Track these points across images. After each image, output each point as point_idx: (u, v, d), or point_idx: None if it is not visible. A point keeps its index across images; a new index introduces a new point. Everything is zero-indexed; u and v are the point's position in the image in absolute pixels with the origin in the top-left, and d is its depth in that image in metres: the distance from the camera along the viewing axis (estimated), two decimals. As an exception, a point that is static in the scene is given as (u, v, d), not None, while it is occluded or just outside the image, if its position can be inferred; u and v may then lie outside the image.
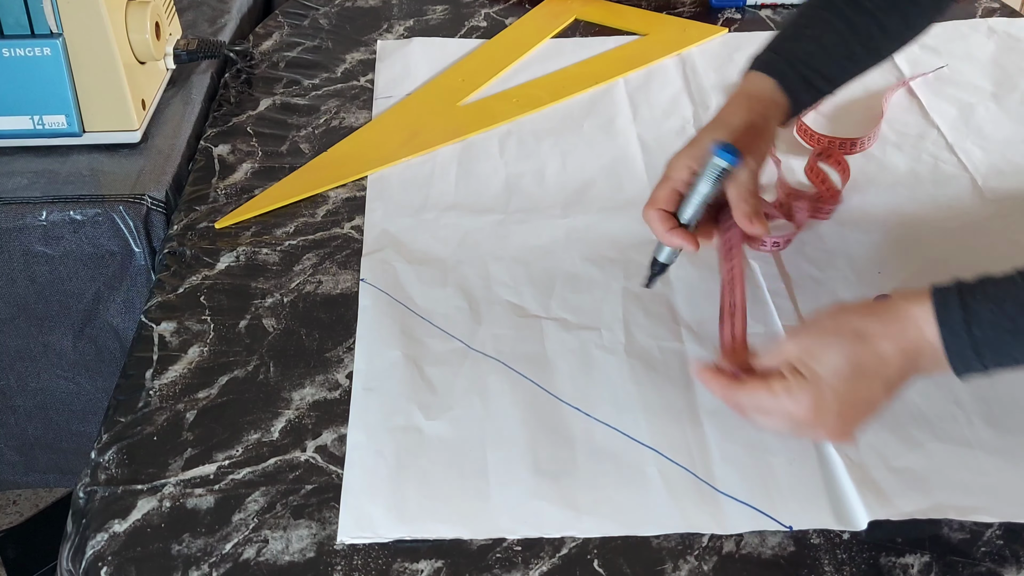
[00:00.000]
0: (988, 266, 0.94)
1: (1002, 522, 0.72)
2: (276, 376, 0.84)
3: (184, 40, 1.19)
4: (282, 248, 0.97)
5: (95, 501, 0.74)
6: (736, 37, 1.34)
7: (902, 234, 0.99)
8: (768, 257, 0.95)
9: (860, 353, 0.69)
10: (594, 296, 0.92)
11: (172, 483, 0.75)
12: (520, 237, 0.99)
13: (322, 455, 0.77)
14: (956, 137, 1.13)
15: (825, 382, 0.69)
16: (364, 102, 1.21)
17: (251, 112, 1.19)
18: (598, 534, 0.71)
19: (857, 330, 0.70)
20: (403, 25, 1.38)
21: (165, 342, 0.87)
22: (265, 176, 1.08)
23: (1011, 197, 1.04)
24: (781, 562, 0.70)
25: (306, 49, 1.32)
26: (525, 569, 0.69)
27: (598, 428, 0.79)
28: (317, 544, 0.71)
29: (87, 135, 1.08)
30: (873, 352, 0.69)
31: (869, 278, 0.93)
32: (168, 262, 0.96)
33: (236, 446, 0.78)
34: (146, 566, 0.69)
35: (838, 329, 0.71)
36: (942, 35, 1.33)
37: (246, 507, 0.73)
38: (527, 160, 1.11)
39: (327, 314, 0.90)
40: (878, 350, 0.69)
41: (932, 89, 1.22)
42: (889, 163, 1.09)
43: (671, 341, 0.87)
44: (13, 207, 1.01)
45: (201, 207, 1.03)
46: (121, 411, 0.81)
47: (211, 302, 0.91)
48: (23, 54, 1.02)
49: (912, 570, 0.69)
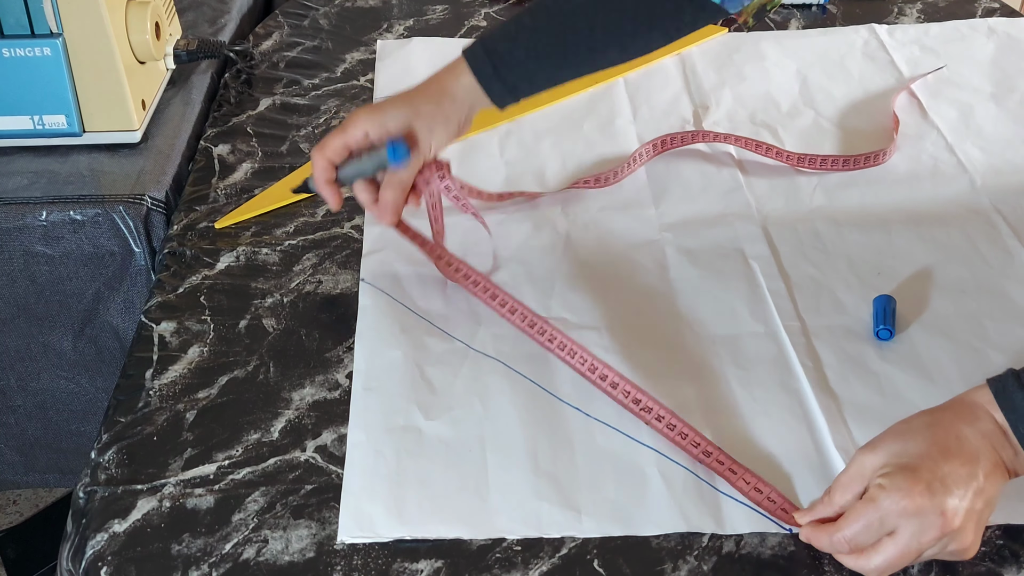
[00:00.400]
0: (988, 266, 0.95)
1: (1002, 522, 0.72)
2: (276, 376, 0.84)
3: (184, 40, 1.19)
4: (282, 248, 0.97)
5: (95, 501, 0.74)
6: (736, 37, 1.34)
7: (902, 234, 0.99)
8: (768, 257, 0.95)
9: (939, 436, 0.67)
10: (594, 296, 0.92)
11: (172, 483, 0.75)
12: (520, 237, 0.99)
13: (322, 455, 0.77)
14: (956, 138, 1.13)
15: (919, 465, 0.66)
16: (364, 102, 1.21)
17: (251, 112, 1.19)
18: (598, 534, 0.71)
19: (928, 421, 0.69)
20: (403, 25, 1.38)
21: (165, 342, 0.87)
22: (265, 176, 1.08)
23: (1011, 197, 1.04)
24: (781, 562, 0.70)
25: (306, 49, 1.32)
26: (525, 569, 0.69)
27: (598, 428, 0.79)
28: (317, 544, 0.71)
29: (87, 135, 1.08)
30: (951, 434, 0.67)
31: (869, 278, 0.94)
32: (168, 262, 0.96)
33: (236, 446, 0.78)
34: (146, 566, 0.69)
35: (909, 425, 0.69)
36: (942, 36, 1.33)
37: (246, 507, 0.73)
38: (527, 160, 1.11)
39: (327, 314, 0.90)
40: (955, 432, 0.67)
41: (932, 90, 1.22)
42: (889, 163, 1.09)
43: (671, 341, 0.87)
44: (13, 207, 1.01)
45: (201, 207, 1.03)
46: (121, 411, 0.81)
47: (211, 302, 0.91)
48: (23, 54, 1.02)
49: (912, 570, 0.69)
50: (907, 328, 0.88)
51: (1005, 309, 0.90)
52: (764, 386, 0.83)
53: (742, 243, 0.98)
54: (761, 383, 0.83)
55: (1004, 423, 0.67)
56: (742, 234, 0.99)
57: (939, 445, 0.66)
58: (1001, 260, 0.96)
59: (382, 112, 0.88)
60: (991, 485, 0.66)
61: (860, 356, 0.85)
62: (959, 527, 0.65)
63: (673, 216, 1.02)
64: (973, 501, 0.65)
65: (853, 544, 0.66)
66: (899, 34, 1.34)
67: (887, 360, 0.85)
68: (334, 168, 0.89)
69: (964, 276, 0.94)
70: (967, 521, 0.65)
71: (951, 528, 0.64)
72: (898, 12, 1.40)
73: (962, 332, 0.88)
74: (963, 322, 0.89)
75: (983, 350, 0.86)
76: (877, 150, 1.09)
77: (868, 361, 0.85)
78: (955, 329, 0.88)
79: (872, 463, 0.67)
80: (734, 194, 1.05)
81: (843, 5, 1.42)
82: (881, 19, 1.38)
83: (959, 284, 0.93)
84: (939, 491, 0.64)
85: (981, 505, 0.66)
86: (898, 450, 0.67)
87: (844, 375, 0.84)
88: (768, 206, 1.03)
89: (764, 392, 0.82)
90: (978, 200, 1.04)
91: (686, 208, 1.03)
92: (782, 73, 1.26)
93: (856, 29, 1.35)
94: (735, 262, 0.96)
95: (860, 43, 1.32)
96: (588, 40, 0.88)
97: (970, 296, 0.92)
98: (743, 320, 0.89)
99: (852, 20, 1.38)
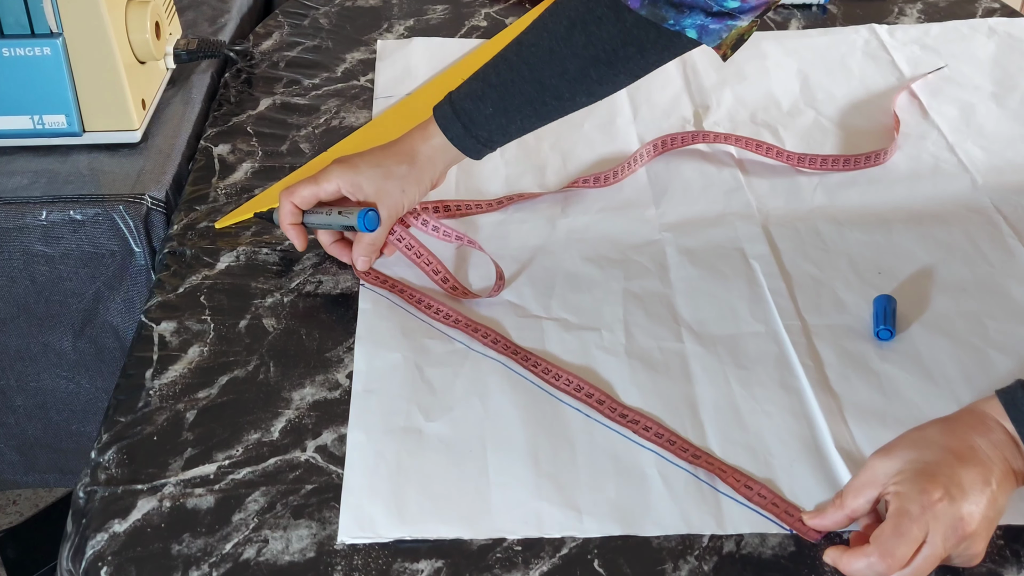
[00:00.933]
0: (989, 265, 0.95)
1: (1002, 522, 0.72)
2: (276, 376, 0.84)
3: (184, 40, 1.19)
4: (282, 248, 0.97)
5: (95, 501, 0.74)
6: (736, 37, 1.34)
7: (903, 234, 0.99)
8: (769, 256, 0.95)
9: (953, 444, 0.67)
10: (594, 296, 0.92)
11: (172, 483, 0.75)
12: (520, 237, 0.99)
13: (322, 455, 0.77)
14: (956, 137, 1.13)
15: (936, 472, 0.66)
16: (364, 102, 1.21)
17: (251, 112, 1.19)
18: (598, 534, 0.71)
19: (942, 429, 0.69)
20: (403, 25, 1.38)
21: (165, 342, 0.87)
22: (265, 176, 1.07)
23: (1012, 196, 1.04)
24: (781, 562, 0.70)
25: (306, 49, 1.32)
26: (525, 569, 0.69)
27: (598, 428, 0.79)
28: (317, 544, 0.71)
29: (87, 135, 1.08)
30: (963, 442, 0.68)
31: (869, 278, 0.93)
32: (168, 262, 0.96)
33: (236, 446, 0.78)
34: (146, 566, 0.69)
35: (923, 433, 0.69)
36: (942, 35, 1.33)
37: (246, 507, 0.73)
38: (527, 160, 1.11)
39: (327, 314, 0.90)
40: (969, 441, 0.68)
41: (932, 89, 1.22)
42: (889, 163, 1.09)
43: (671, 341, 0.87)
44: (13, 207, 1.01)
45: (201, 207, 1.03)
46: (121, 411, 0.81)
47: (211, 302, 0.91)
48: (23, 54, 1.02)
49: (913, 570, 0.69)
50: (908, 327, 0.88)
51: (1006, 308, 0.90)
52: (764, 386, 0.83)
53: (742, 243, 0.98)
54: (761, 383, 0.83)
55: (1015, 433, 0.68)
56: (742, 234, 0.99)
57: (954, 453, 0.67)
58: (1002, 259, 0.96)
59: (356, 172, 0.90)
60: (1003, 493, 0.67)
61: (861, 355, 0.85)
62: (974, 532, 0.65)
63: (673, 216, 1.02)
64: (987, 508, 0.66)
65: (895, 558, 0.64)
66: (899, 34, 1.33)
67: (888, 359, 0.85)
68: (300, 213, 0.92)
69: (965, 275, 0.94)
70: (980, 527, 0.65)
71: (968, 533, 0.65)
72: (898, 12, 1.40)
73: (963, 331, 0.88)
74: (964, 321, 0.89)
75: (984, 349, 0.86)
76: (878, 149, 1.09)
77: (869, 360, 0.85)
78: (956, 328, 0.88)
79: (886, 469, 0.67)
80: (735, 194, 1.04)
81: (843, 5, 1.41)
82: (881, 19, 1.38)
83: (960, 283, 0.93)
84: (958, 496, 0.65)
85: (993, 513, 0.66)
86: (914, 457, 0.67)
87: (845, 374, 0.83)
88: (769, 206, 1.03)
89: (764, 392, 0.82)
90: (979, 199, 1.04)
91: (686, 208, 1.03)
92: (783, 73, 1.26)
93: (856, 29, 1.35)
94: (735, 262, 0.95)
95: (860, 43, 1.32)
96: (555, 90, 0.89)
97: (971, 295, 0.92)
98: (743, 320, 0.89)
99: (852, 20, 1.38)
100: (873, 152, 1.08)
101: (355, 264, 0.93)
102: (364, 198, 0.90)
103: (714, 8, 0.83)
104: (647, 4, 0.83)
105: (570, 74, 0.88)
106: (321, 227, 0.93)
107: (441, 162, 0.93)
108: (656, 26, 0.84)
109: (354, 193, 0.90)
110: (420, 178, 0.92)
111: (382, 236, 0.92)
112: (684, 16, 0.83)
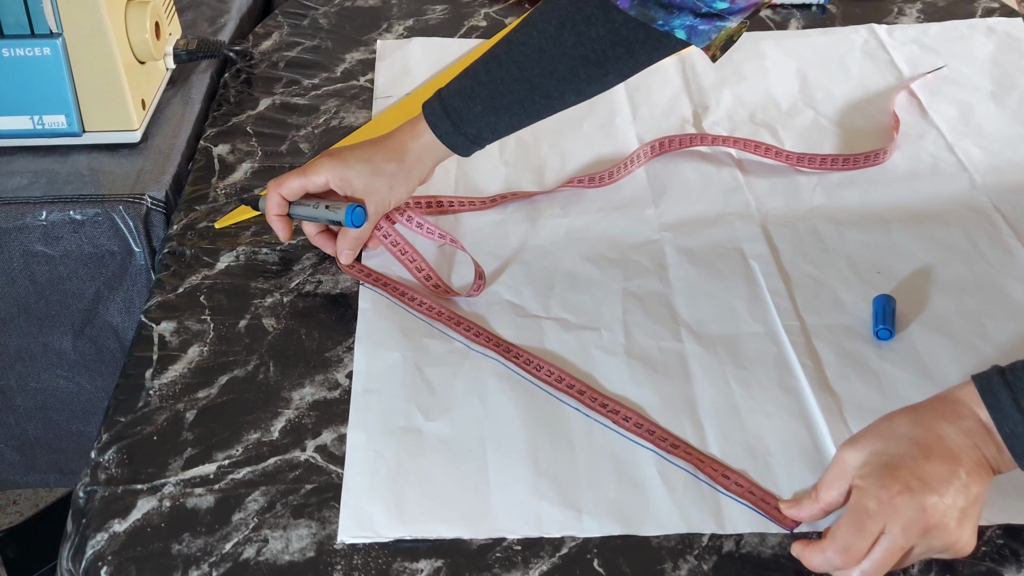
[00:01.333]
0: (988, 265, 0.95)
1: (1002, 522, 0.72)
2: (276, 376, 0.84)
3: (184, 40, 1.19)
4: (282, 248, 0.97)
5: (95, 501, 0.74)
6: (736, 37, 1.34)
7: (902, 233, 0.99)
8: (768, 256, 0.95)
9: (919, 434, 0.67)
10: (594, 296, 0.92)
11: (172, 483, 0.75)
12: (520, 237, 0.99)
13: (322, 455, 0.77)
14: (955, 137, 1.13)
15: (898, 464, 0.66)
16: (364, 102, 1.21)
17: (251, 112, 1.19)
18: (598, 534, 0.71)
19: (910, 420, 0.69)
20: (403, 25, 1.38)
21: (165, 342, 0.87)
22: (265, 176, 1.07)
23: (1011, 196, 1.04)
24: (781, 562, 0.70)
25: (306, 49, 1.32)
26: (525, 569, 0.69)
27: (598, 428, 0.79)
28: (317, 544, 0.71)
29: (87, 135, 1.08)
30: (932, 433, 0.67)
31: (869, 277, 0.94)
32: (168, 262, 0.96)
33: (236, 446, 0.78)
34: (146, 566, 0.69)
35: (891, 423, 0.69)
36: (941, 35, 1.33)
37: (246, 507, 0.73)
38: (526, 160, 1.11)
39: (327, 314, 0.90)
40: (936, 431, 0.67)
41: (931, 89, 1.22)
42: (889, 163, 1.09)
43: (671, 341, 0.87)
44: (13, 207, 1.01)
45: (201, 207, 1.03)
46: (121, 411, 0.81)
47: (211, 302, 0.91)
48: (23, 54, 1.02)
49: (912, 570, 0.69)
50: (907, 327, 0.88)
51: (1005, 308, 0.90)
52: (764, 386, 0.83)
53: (742, 243, 0.98)
54: (760, 383, 0.83)
55: (988, 420, 0.67)
56: (742, 234, 0.99)
57: (920, 444, 0.67)
58: (1001, 259, 0.96)
59: (346, 167, 0.90)
60: (974, 483, 0.66)
61: (860, 355, 0.85)
62: (940, 523, 0.64)
63: (673, 216, 1.02)
64: (955, 498, 0.65)
65: (850, 553, 0.65)
66: (899, 34, 1.33)
67: (887, 359, 0.85)
68: (287, 204, 0.93)
69: (964, 275, 0.94)
70: (947, 517, 0.65)
71: (932, 524, 0.64)
72: (897, 12, 1.40)
73: (962, 331, 0.88)
74: (963, 321, 0.89)
75: (983, 349, 0.86)
76: (877, 149, 1.09)
77: (868, 360, 0.85)
78: (955, 328, 0.88)
79: (853, 460, 0.68)
80: (734, 194, 1.05)
81: (843, 5, 1.41)
82: (881, 19, 1.38)
83: (959, 283, 0.93)
84: (919, 489, 0.65)
85: (964, 502, 0.65)
86: (879, 448, 0.67)
87: (844, 374, 0.84)
88: (768, 205, 1.03)
89: (764, 392, 0.82)
90: (978, 199, 1.04)
91: (686, 208, 1.03)
92: (782, 72, 1.26)
93: (855, 29, 1.35)
94: (735, 262, 0.96)
95: (860, 43, 1.32)
96: (543, 88, 0.89)
97: (970, 295, 0.92)
98: (743, 320, 0.89)
99: (852, 20, 1.38)
100: (872, 152, 1.09)
101: (339, 257, 0.94)
102: (352, 193, 0.91)
103: (703, 9, 0.83)
104: (636, 4, 0.84)
105: (559, 73, 0.88)
106: (307, 219, 0.94)
107: (430, 159, 0.93)
108: (645, 26, 0.85)
109: (342, 188, 0.91)
110: (408, 175, 0.92)
111: (368, 231, 0.93)
112: (673, 17, 0.83)
